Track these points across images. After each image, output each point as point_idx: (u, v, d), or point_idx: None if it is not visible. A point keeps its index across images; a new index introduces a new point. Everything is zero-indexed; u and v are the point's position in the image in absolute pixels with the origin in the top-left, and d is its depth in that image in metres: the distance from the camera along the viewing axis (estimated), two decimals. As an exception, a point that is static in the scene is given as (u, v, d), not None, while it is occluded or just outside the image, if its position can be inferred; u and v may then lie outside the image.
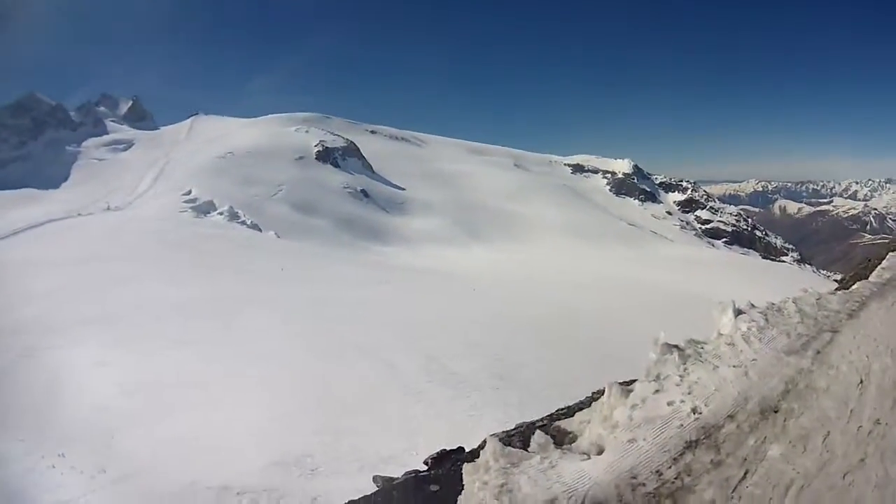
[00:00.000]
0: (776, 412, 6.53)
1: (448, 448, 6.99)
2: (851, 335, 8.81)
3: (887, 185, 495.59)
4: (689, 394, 6.77)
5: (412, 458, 9.34)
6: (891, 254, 19.38)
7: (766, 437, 6.07)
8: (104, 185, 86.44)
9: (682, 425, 6.21)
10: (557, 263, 66.42)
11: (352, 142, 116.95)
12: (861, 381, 7.18)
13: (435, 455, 6.76)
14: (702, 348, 7.94)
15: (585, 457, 5.89)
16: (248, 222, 69.14)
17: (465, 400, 16.30)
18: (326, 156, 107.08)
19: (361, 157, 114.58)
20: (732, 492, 5.24)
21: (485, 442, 6.45)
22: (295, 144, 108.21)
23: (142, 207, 68.90)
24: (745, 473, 5.41)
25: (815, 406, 6.67)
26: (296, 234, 69.02)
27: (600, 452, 5.89)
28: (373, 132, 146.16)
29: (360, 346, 20.42)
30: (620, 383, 7.47)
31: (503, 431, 7.32)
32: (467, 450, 7.08)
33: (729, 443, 5.97)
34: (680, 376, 7.15)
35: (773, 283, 49.76)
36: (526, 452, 6.17)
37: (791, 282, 53.16)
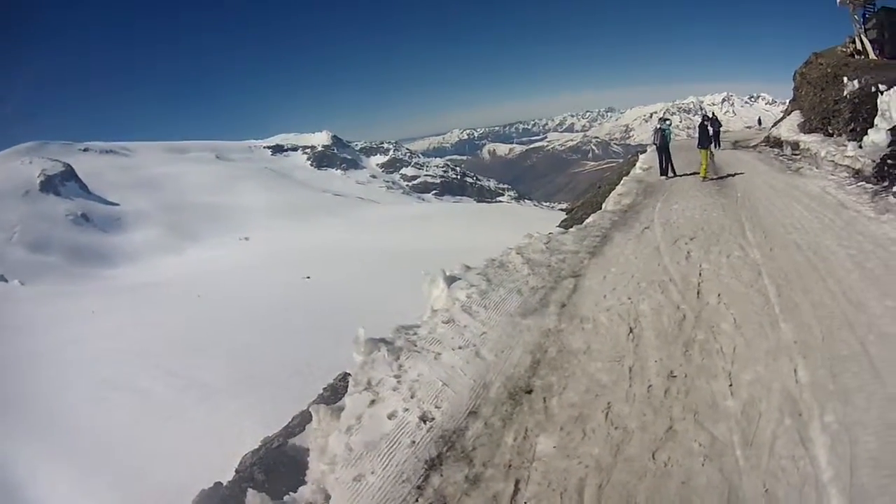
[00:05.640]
0: (530, 393, 5.18)
1: (206, 487, 6.68)
2: (600, 276, 7.94)
3: (608, 114, 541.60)
4: (412, 398, 5.27)
5: (201, 485, 8.15)
6: (625, 178, 19.65)
7: (527, 429, 4.69)
8: None
9: (414, 441, 4.72)
10: (271, 247, 65.47)
11: (68, 165, 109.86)
12: (631, 330, 6.02)
13: (197, 499, 6.36)
14: (415, 334, 6.48)
15: (312, 509, 4.59)
16: (-6, 274, 65.83)
17: (223, 410, 16.07)
18: (49, 185, 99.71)
19: (77, 178, 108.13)
20: (507, 511, 4.02)
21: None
22: (21, 179, 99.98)
23: None
24: (517, 484, 4.16)
25: (580, 374, 5.35)
26: (36, 276, 63.32)
27: (328, 499, 4.56)
28: (85, 150, 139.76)
29: (113, 381, 19.21)
30: (328, 395, 5.85)
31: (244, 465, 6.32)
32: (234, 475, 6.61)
33: (482, 448, 4.55)
34: (396, 377, 5.63)
35: (491, 223, 52.62)
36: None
37: (511, 217, 56.67)
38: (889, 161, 11.46)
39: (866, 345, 5.13)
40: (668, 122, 18.56)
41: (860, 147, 13.21)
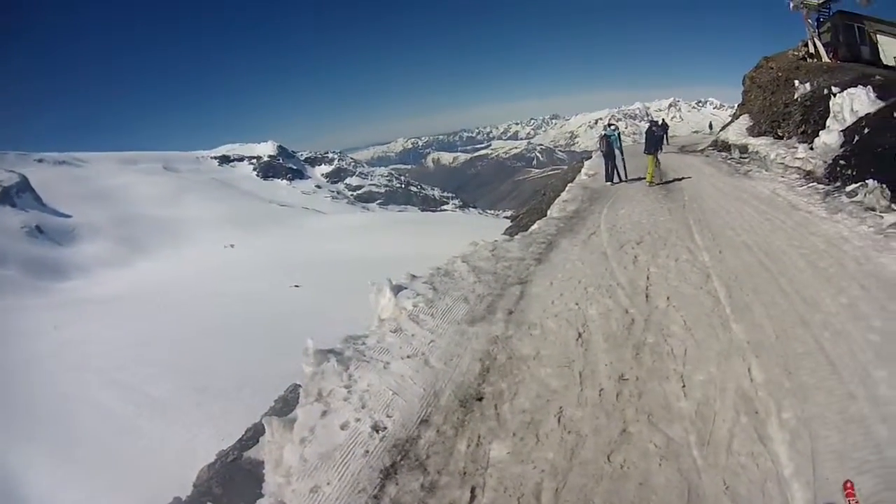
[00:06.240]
0: (481, 400, 5.12)
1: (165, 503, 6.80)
2: (547, 282, 7.88)
3: (553, 121, 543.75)
4: (363, 408, 5.17)
5: (160, 501, 8.84)
6: (570, 184, 19.72)
7: (480, 436, 4.63)
8: None
9: (367, 451, 4.63)
10: (221, 259, 64.69)
11: (23, 176, 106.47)
12: (580, 335, 5.98)
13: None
14: (363, 344, 6.35)
15: (271, 522, 4.55)
16: (-47, 289, 61.54)
17: (178, 424, 16.21)
18: (5, 197, 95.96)
19: (32, 190, 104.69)
20: (464, 518, 3.99)
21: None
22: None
23: None
24: (473, 491, 4.11)
25: (530, 380, 5.29)
26: (-6, 290, 62.00)
27: (287, 512, 4.45)
28: (40, 161, 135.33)
29: (72, 397, 19.33)
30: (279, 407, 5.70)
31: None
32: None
33: (435, 456, 4.48)
34: (346, 388, 5.50)
35: (436, 232, 53.61)
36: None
37: (456, 226, 59.43)
38: (841, 162, 11.68)
39: (822, 342, 5.16)
40: (613, 128, 18.65)
41: (811, 149, 13.42)
